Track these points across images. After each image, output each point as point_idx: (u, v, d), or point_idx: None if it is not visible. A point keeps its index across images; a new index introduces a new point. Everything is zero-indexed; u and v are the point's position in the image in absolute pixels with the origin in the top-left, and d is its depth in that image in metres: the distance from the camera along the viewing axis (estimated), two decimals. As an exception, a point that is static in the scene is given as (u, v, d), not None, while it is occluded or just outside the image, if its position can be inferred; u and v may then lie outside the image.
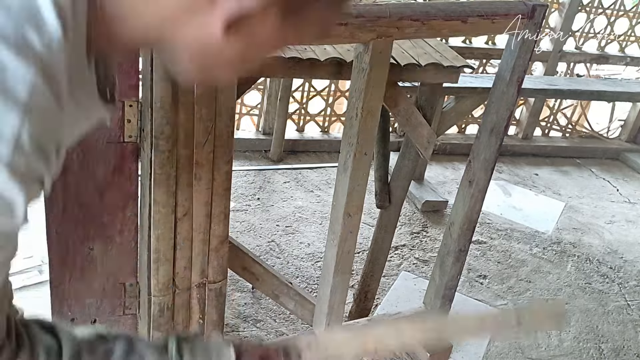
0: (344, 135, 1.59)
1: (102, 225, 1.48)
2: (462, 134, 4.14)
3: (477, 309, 2.54)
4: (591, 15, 3.99)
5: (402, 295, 2.57)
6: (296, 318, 2.27)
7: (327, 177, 3.42)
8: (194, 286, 1.53)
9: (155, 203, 1.35)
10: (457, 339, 2.20)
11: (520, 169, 3.95)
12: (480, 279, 2.78)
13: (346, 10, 0.99)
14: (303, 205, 3.12)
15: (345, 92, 3.72)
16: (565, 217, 3.43)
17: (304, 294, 1.98)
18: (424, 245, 2.95)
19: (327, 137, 3.77)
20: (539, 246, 3.10)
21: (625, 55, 4.23)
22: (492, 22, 1.55)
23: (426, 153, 1.94)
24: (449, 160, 3.88)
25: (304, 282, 2.56)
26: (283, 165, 3.47)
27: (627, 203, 3.72)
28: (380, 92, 1.50)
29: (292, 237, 2.84)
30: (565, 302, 2.66)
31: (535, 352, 2.38)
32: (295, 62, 1.72)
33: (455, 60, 1.89)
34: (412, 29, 1.45)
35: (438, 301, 2.08)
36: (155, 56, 1.19)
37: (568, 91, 3.48)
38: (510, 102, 1.71)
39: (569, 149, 4.25)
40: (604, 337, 2.52)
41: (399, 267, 2.75)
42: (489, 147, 1.77)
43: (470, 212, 1.89)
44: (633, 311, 2.71)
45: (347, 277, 1.78)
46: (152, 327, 1.51)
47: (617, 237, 3.29)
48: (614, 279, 2.92)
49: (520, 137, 4.21)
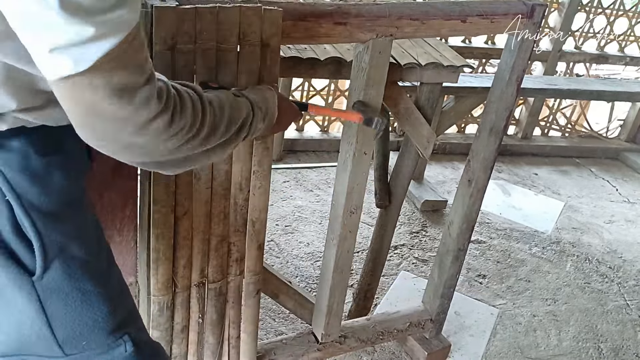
0: (344, 135, 1.59)
1: (101, 225, 1.48)
2: (461, 133, 4.15)
3: (475, 308, 2.55)
4: (590, 15, 3.99)
5: (401, 294, 2.57)
6: (295, 317, 2.27)
7: (327, 177, 3.43)
8: (193, 285, 1.53)
9: (155, 202, 1.35)
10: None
11: (519, 169, 3.95)
12: (480, 278, 2.78)
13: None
14: (302, 205, 3.12)
15: (345, 91, 3.72)
16: (564, 216, 3.43)
17: (303, 293, 1.98)
18: (423, 244, 2.95)
19: (326, 136, 3.77)
20: (538, 246, 3.10)
21: (624, 55, 4.24)
22: (491, 22, 1.55)
23: (426, 152, 1.94)
24: (449, 159, 3.88)
25: (304, 281, 2.57)
26: (282, 164, 3.47)
27: (626, 203, 3.72)
28: (380, 92, 1.50)
29: (292, 237, 2.85)
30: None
31: (535, 351, 2.39)
32: (295, 62, 1.72)
33: (455, 59, 1.89)
34: (412, 28, 1.46)
35: (437, 300, 2.08)
36: (155, 55, 1.19)
37: (567, 91, 3.48)
38: (510, 102, 1.71)
39: (569, 148, 4.25)
40: (603, 337, 2.52)
41: (398, 267, 2.76)
42: (488, 146, 1.77)
43: (470, 212, 1.89)
44: (632, 311, 2.71)
45: (346, 277, 1.78)
46: (152, 326, 1.51)
47: (616, 237, 3.29)
48: (613, 278, 2.92)
49: (519, 137, 4.21)
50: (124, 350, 1.02)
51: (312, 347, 1.90)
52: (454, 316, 2.47)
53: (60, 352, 0.98)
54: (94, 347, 1.00)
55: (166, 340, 1.55)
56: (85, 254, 0.97)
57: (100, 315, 0.99)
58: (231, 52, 1.26)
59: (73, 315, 0.97)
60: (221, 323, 1.64)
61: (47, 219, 0.91)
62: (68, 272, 0.95)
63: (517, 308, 2.62)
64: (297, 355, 1.88)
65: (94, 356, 1.01)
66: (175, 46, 1.20)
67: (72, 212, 0.96)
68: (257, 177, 1.46)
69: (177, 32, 1.18)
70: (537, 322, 2.56)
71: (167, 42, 1.18)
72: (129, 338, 1.03)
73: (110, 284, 1.03)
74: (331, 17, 1.34)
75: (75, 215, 0.97)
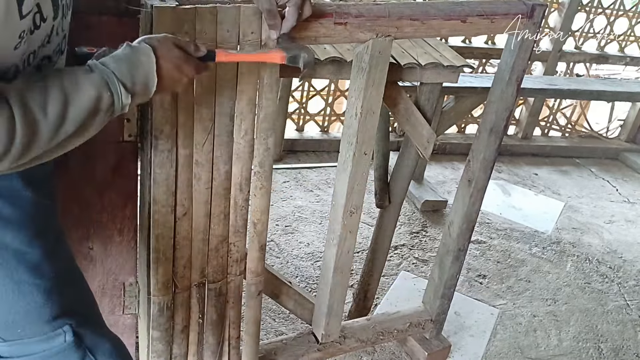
0: (344, 135, 1.59)
1: (101, 225, 1.48)
2: (461, 133, 4.15)
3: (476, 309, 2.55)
4: (591, 15, 3.99)
5: (401, 294, 2.57)
6: (295, 317, 2.27)
7: (327, 177, 3.43)
8: (193, 286, 1.53)
9: (155, 202, 1.35)
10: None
11: (519, 169, 3.95)
12: (480, 278, 2.78)
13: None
14: (302, 205, 3.12)
15: (344, 91, 3.72)
16: (564, 216, 3.43)
17: (303, 293, 1.98)
18: (423, 244, 2.95)
19: (326, 136, 3.77)
20: (538, 246, 3.10)
21: (624, 55, 4.24)
22: (491, 22, 1.55)
23: (426, 153, 1.94)
24: (449, 159, 3.88)
25: (304, 281, 2.56)
26: (282, 164, 3.47)
27: (626, 203, 3.72)
28: (379, 92, 1.50)
29: (292, 237, 2.85)
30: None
31: (535, 351, 2.38)
32: (295, 62, 1.72)
33: (455, 59, 1.89)
34: (412, 28, 1.45)
35: (437, 300, 2.08)
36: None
37: (567, 91, 3.48)
38: (510, 102, 1.71)
39: (569, 148, 4.25)
40: (603, 337, 2.52)
41: (398, 267, 2.76)
42: (488, 146, 1.77)
43: (470, 212, 1.89)
44: (632, 311, 2.71)
45: (346, 277, 1.78)
46: (152, 326, 1.51)
47: (616, 237, 3.29)
48: (613, 278, 2.92)
49: (519, 137, 4.21)
50: (63, 340, 1.04)
51: (312, 348, 1.90)
52: (454, 316, 2.47)
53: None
54: (30, 335, 1.02)
55: (166, 341, 1.55)
56: (21, 244, 0.97)
57: (34, 305, 1.00)
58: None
59: (5, 303, 0.98)
60: (221, 323, 1.63)
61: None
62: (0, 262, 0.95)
63: (517, 308, 2.62)
64: (297, 356, 1.87)
65: (32, 344, 1.02)
66: (175, 46, 1.19)
67: (6, 202, 0.95)
68: (258, 178, 1.46)
69: (177, 32, 1.18)
70: (537, 322, 2.56)
71: (167, 42, 1.18)
72: (69, 328, 1.04)
73: (51, 274, 1.02)
74: (331, 17, 1.34)
75: (11, 206, 0.96)
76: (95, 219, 1.47)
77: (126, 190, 1.47)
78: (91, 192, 1.43)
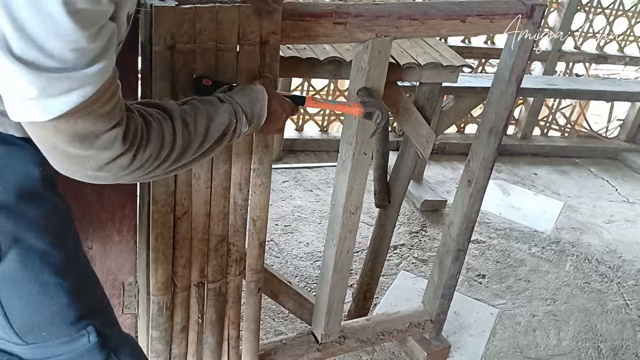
0: (343, 135, 1.59)
1: (101, 224, 1.48)
2: (461, 133, 4.15)
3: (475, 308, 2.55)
4: (590, 15, 3.99)
5: (401, 294, 2.57)
6: (295, 317, 2.27)
7: (326, 177, 3.43)
8: (192, 285, 1.53)
9: (154, 202, 1.35)
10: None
11: (519, 169, 3.95)
12: (479, 278, 2.78)
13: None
14: (302, 205, 3.12)
15: (344, 91, 3.72)
16: (564, 216, 3.43)
17: (302, 293, 1.98)
18: (423, 244, 2.95)
19: (326, 136, 3.77)
20: (537, 246, 3.10)
21: (624, 55, 4.23)
22: (491, 22, 1.55)
23: (425, 152, 1.94)
24: (448, 159, 3.88)
25: (303, 281, 2.56)
26: (282, 164, 3.47)
27: (625, 203, 3.72)
28: (379, 92, 1.50)
29: (291, 237, 2.85)
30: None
31: (534, 351, 2.39)
32: (295, 62, 1.72)
33: (455, 59, 1.89)
34: (411, 28, 1.46)
35: (437, 300, 2.08)
36: (155, 55, 1.19)
37: (567, 91, 3.48)
38: (509, 102, 1.71)
39: (568, 148, 4.25)
40: (603, 337, 2.52)
41: (398, 267, 2.76)
42: (487, 146, 1.77)
43: (469, 212, 1.89)
44: (632, 310, 2.71)
45: (346, 277, 1.78)
46: (151, 326, 1.51)
47: (615, 237, 3.29)
48: (613, 278, 2.92)
49: (519, 137, 4.21)
50: (87, 341, 1.03)
51: (311, 348, 1.90)
52: (454, 316, 2.47)
53: (20, 341, 0.99)
54: (54, 337, 1.01)
55: (165, 340, 1.54)
56: (45, 245, 0.97)
57: (59, 306, 1.00)
58: (230, 52, 1.26)
59: (30, 305, 0.98)
60: (221, 323, 1.63)
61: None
62: (24, 263, 0.95)
63: (516, 308, 2.62)
64: (296, 356, 1.87)
65: (56, 346, 1.02)
66: (175, 46, 1.19)
67: (30, 204, 0.96)
68: (257, 175, 1.46)
69: (177, 32, 1.18)
70: (536, 322, 2.56)
71: (167, 41, 1.18)
72: (93, 329, 1.04)
73: (73, 276, 1.03)
74: (331, 17, 1.34)
75: (35, 207, 0.97)
76: (94, 219, 1.47)
77: (125, 190, 1.47)
78: (90, 191, 1.43)
